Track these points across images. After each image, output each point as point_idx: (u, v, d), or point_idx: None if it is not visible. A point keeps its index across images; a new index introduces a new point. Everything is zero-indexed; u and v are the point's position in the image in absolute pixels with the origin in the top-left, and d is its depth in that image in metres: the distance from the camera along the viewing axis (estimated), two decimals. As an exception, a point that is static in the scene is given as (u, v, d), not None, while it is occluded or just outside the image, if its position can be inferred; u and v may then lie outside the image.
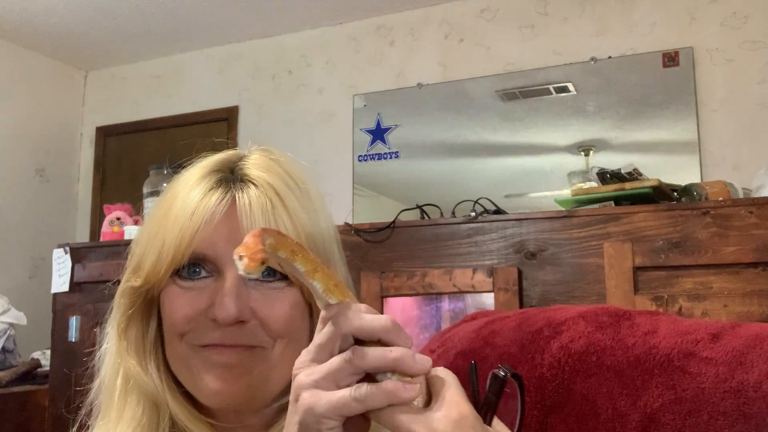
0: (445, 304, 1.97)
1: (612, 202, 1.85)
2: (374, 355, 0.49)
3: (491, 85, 3.14)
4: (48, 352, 2.66)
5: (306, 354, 0.51)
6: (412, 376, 0.49)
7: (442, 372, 0.52)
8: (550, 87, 3.02)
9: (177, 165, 0.75)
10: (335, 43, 3.53)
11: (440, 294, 1.91)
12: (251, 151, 0.74)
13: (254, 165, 0.71)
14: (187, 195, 0.68)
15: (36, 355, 3.05)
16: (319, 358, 0.51)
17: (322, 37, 3.57)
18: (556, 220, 1.79)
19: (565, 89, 3.01)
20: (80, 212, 4.06)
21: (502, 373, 0.55)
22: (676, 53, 2.82)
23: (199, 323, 0.65)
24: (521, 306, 1.78)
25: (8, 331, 2.91)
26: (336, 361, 0.49)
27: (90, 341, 2.22)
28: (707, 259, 1.60)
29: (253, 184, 0.68)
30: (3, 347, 2.87)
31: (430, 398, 0.50)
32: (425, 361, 0.50)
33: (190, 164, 0.73)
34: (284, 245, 0.51)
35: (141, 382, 0.68)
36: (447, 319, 1.95)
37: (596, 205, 1.85)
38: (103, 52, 3.91)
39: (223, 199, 0.67)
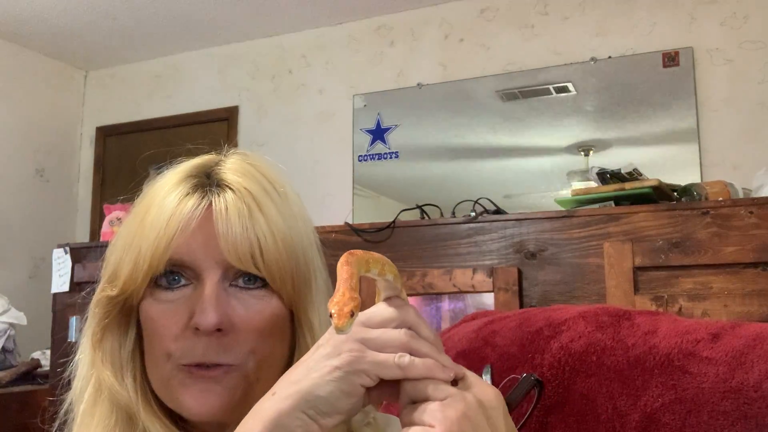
0: (445, 304, 1.97)
1: (612, 202, 1.85)
2: (422, 362, 0.55)
3: (491, 85, 3.14)
4: (48, 352, 2.66)
5: (357, 315, 0.54)
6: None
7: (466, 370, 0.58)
8: (550, 87, 3.02)
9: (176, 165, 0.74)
10: (335, 43, 3.53)
11: (440, 294, 1.91)
12: (228, 155, 0.73)
13: (230, 169, 0.70)
14: (163, 201, 0.67)
15: (36, 355, 3.05)
16: (370, 324, 0.56)
17: (322, 37, 3.57)
18: (556, 220, 1.79)
19: (565, 89, 3.01)
20: (80, 212, 4.06)
21: (533, 378, 0.62)
22: (676, 53, 2.82)
23: (184, 340, 0.64)
24: (521, 306, 1.78)
25: (8, 331, 2.91)
26: (394, 333, 0.55)
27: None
28: (707, 259, 1.60)
29: (229, 188, 0.67)
30: (3, 347, 2.87)
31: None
32: (451, 372, 0.56)
33: (166, 170, 0.72)
34: (373, 262, 0.57)
35: (116, 393, 0.66)
36: (447, 319, 1.95)
37: (596, 205, 1.85)
38: (103, 52, 3.92)
39: (199, 204, 0.66)
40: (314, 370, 0.54)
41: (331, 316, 0.50)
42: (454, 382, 0.55)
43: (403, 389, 0.54)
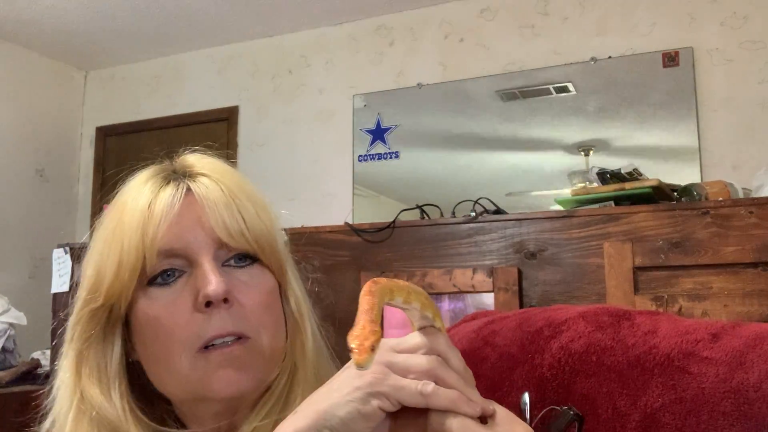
0: (445, 304, 1.97)
1: (612, 202, 1.85)
2: (447, 392, 0.53)
3: (491, 85, 3.14)
4: (48, 352, 2.66)
5: (378, 349, 0.52)
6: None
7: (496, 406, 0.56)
8: (550, 87, 3.02)
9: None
10: (335, 43, 3.53)
11: (440, 294, 1.91)
12: (183, 153, 0.73)
13: (195, 160, 0.70)
14: (137, 197, 0.66)
15: (36, 355, 3.05)
16: (399, 349, 0.55)
17: (322, 37, 3.57)
18: (556, 220, 1.79)
19: (565, 89, 3.01)
20: (80, 212, 4.06)
21: (572, 413, 0.60)
22: (676, 53, 2.82)
23: (195, 322, 0.63)
24: (521, 306, 1.77)
25: (8, 331, 2.91)
26: (420, 359, 0.53)
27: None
28: (707, 259, 1.60)
29: (202, 175, 0.68)
30: (3, 347, 2.87)
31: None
32: (478, 407, 0.54)
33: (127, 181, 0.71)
34: (398, 290, 0.54)
35: (104, 411, 0.64)
36: (447, 319, 1.95)
37: (596, 205, 1.85)
38: (103, 52, 3.92)
39: (177, 190, 0.66)
40: (336, 390, 0.53)
41: (351, 351, 0.48)
42: (483, 419, 0.53)
43: (429, 422, 0.52)
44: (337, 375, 0.55)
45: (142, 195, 0.66)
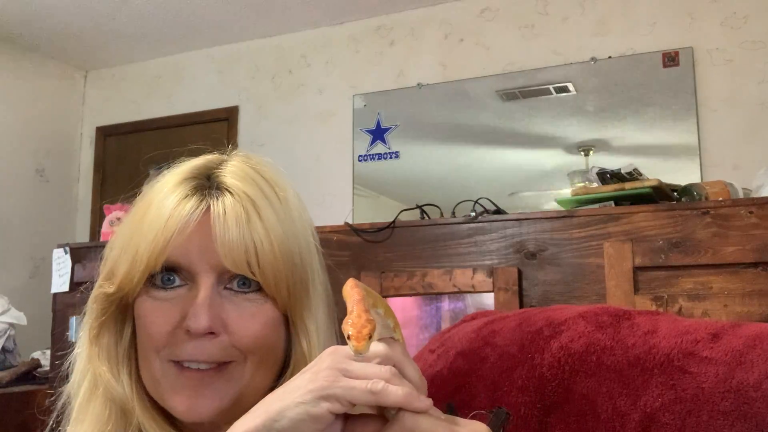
0: (445, 304, 1.96)
1: (612, 202, 1.85)
2: (397, 389, 0.53)
3: (491, 85, 3.14)
4: (48, 352, 2.66)
5: (374, 338, 0.53)
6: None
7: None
8: (550, 87, 3.02)
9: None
10: (335, 43, 3.53)
11: (440, 294, 1.91)
12: (230, 156, 0.73)
13: (231, 172, 0.70)
14: (162, 202, 0.67)
15: (36, 355, 3.05)
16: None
17: (322, 37, 3.57)
18: (556, 220, 1.79)
19: (565, 89, 3.01)
20: (80, 212, 4.06)
21: (506, 412, 0.63)
22: (676, 53, 2.82)
23: (175, 337, 0.65)
24: (521, 306, 1.77)
25: (8, 331, 2.91)
26: (375, 367, 0.53)
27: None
28: (707, 259, 1.60)
29: (228, 192, 0.67)
30: (3, 347, 2.87)
31: None
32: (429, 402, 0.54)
33: (167, 170, 0.72)
34: (368, 293, 0.55)
35: (111, 389, 0.67)
36: (447, 319, 1.95)
37: (596, 205, 1.85)
38: (103, 52, 3.92)
39: (197, 207, 0.66)
40: (289, 392, 0.53)
41: (348, 337, 0.48)
42: None
43: (400, 423, 0.53)
44: (294, 378, 0.55)
45: (165, 204, 0.66)
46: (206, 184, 0.68)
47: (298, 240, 0.69)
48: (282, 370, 0.70)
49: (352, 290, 0.53)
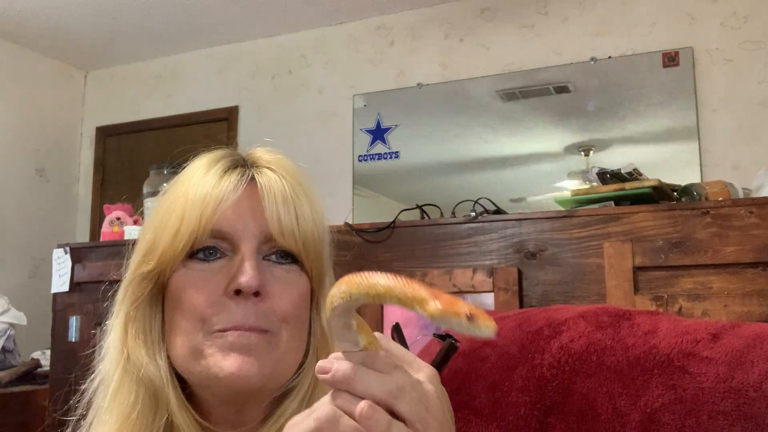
0: (445, 304, 1.96)
1: (612, 202, 1.85)
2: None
3: (491, 85, 3.14)
4: (48, 352, 2.66)
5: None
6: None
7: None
8: (550, 87, 3.02)
9: (177, 165, 0.75)
10: (335, 43, 3.53)
11: (440, 294, 1.91)
12: (253, 148, 0.76)
13: (265, 153, 0.73)
14: (201, 179, 0.69)
15: (36, 355, 3.05)
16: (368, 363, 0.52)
17: (322, 37, 3.57)
18: (556, 220, 1.79)
19: (565, 89, 3.01)
20: (80, 212, 4.06)
21: (454, 341, 0.63)
22: (676, 53, 2.82)
23: (221, 306, 0.65)
24: (521, 306, 1.77)
25: (8, 331, 2.91)
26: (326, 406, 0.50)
27: (90, 341, 2.22)
28: (707, 259, 1.60)
29: (268, 168, 0.70)
30: (3, 347, 2.87)
31: None
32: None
33: (192, 159, 0.74)
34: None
35: (148, 372, 0.67)
36: (447, 319, 1.95)
37: (596, 205, 1.85)
38: (103, 52, 3.91)
39: (241, 177, 0.69)
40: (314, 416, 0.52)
41: (473, 318, 0.41)
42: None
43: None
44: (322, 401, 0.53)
45: (207, 178, 0.69)
46: (243, 162, 0.71)
47: (324, 225, 0.73)
48: (307, 346, 0.71)
49: (408, 282, 0.47)
